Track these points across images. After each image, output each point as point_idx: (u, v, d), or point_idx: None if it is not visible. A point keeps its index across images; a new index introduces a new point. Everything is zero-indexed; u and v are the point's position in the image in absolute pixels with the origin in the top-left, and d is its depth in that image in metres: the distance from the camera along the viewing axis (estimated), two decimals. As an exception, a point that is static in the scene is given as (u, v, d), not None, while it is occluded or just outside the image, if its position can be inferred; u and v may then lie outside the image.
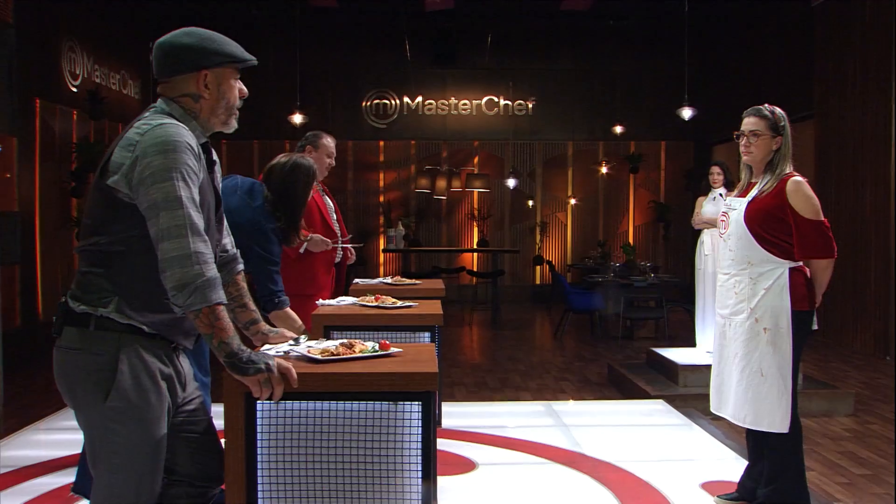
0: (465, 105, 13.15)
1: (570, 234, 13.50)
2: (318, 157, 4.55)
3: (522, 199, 13.23)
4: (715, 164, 6.46)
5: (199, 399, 2.20)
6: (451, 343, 8.87)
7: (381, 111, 13.08)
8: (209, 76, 2.10)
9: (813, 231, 3.21)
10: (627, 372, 6.53)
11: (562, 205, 13.46)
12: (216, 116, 2.14)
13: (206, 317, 1.92)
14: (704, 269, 6.41)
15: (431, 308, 3.72)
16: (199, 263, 1.92)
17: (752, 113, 3.37)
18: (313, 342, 2.40)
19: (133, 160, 1.96)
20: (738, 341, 3.33)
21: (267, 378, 1.99)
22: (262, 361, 1.99)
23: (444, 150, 13.28)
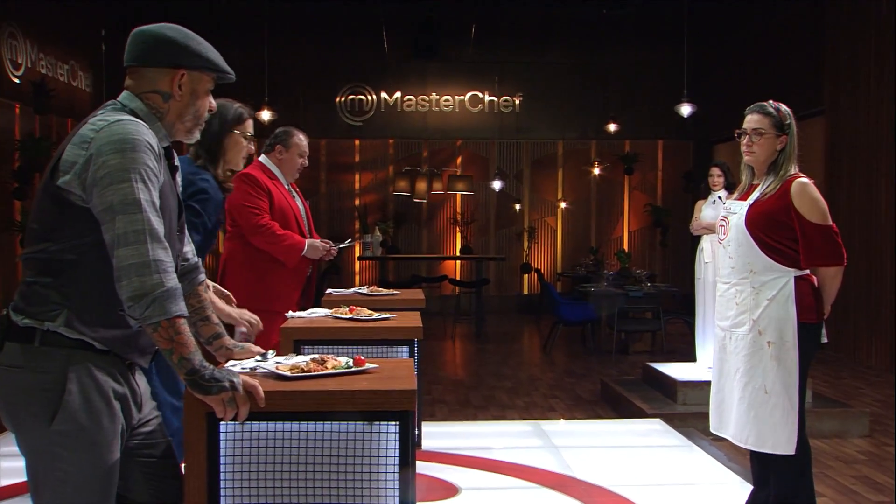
0: (447, 101, 13.17)
1: (560, 240, 13.55)
2: (289, 157, 4.56)
3: (509, 203, 13.27)
4: (715, 164, 6.51)
5: (157, 420, 2.18)
6: (431, 358, 8.86)
7: (356, 107, 13.07)
8: (185, 77, 2.10)
9: (820, 236, 3.23)
10: (622, 389, 6.56)
11: (551, 208, 13.51)
12: (182, 122, 2.14)
13: (166, 331, 1.90)
14: (704, 278, 6.45)
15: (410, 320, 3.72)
16: (159, 272, 1.90)
17: (754, 110, 3.39)
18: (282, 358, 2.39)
19: (87, 159, 1.95)
20: (740, 356, 3.35)
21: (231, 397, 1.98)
22: (227, 379, 1.98)
23: (425, 149, 13.30)
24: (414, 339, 3.58)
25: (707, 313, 6.42)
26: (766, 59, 10.95)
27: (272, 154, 4.58)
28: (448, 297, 12.60)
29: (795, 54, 10.24)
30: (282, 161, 4.56)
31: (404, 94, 13.11)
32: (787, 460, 3.28)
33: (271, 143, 4.59)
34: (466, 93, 13.21)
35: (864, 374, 7.91)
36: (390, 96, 13.08)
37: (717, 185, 6.40)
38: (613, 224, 13.61)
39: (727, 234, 3.42)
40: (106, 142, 1.95)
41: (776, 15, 10.73)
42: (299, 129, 4.66)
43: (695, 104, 9.70)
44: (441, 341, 10.23)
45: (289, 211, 4.51)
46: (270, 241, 4.34)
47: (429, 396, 6.83)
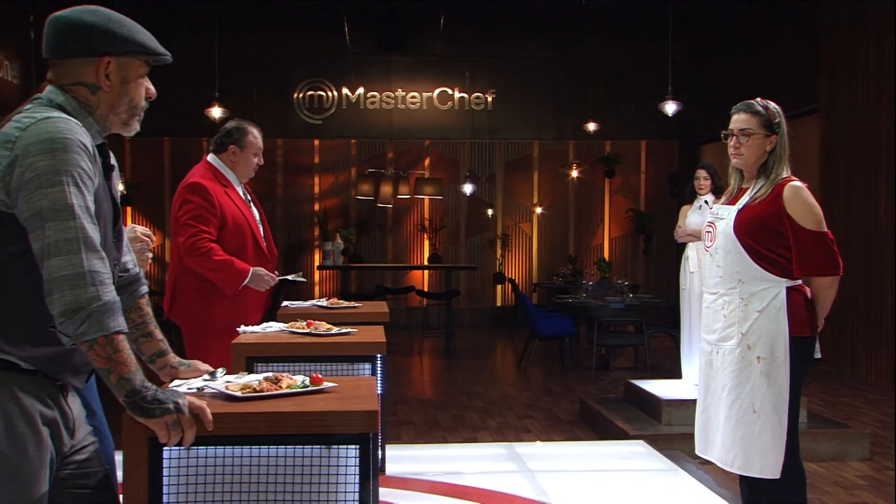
0: (413, 98, 13.18)
1: (536, 247, 13.60)
2: (243, 156, 4.39)
3: (481, 208, 13.30)
4: (702, 167, 6.57)
5: (93, 447, 2.14)
6: (396, 375, 8.84)
7: (315, 104, 13.03)
8: (112, 65, 2.05)
9: (814, 244, 3.27)
10: (602, 408, 6.58)
11: (526, 214, 13.56)
12: (116, 115, 2.10)
13: (103, 348, 1.87)
14: (690, 289, 6.50)
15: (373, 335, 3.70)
16: (95, 284, 1.87)
17: (741, 109, 3.42)
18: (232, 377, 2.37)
19: (12, 160, 1.90)
20: (727, 372, 3.37)
21: (176, 420, 1.95)
22: (171, 400, 1.95)
23: (390, 150, 13.29)
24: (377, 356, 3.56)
25: (693, 326, 6.47)
26: (757, 54, 11.08)
27: (224, 154, 4.40)
28: (415, 310, 12.58)
29: (789, 48, 10.37)
30: (235, 162, 4.40)
31: (367, 91, 13.10)
32: (779, 485, 3.30)
33: (222, 142, 4.40)
34: (435, 89, 13.23)
35: (864, 392, 8.00)
36: (352, 93, 13.06)
37: (704, 189, 6.46)
38: (593, 231, 13.69)
39: (714, 242, 3.44)
40: (33, 141, 1.90)
41: (768, 6, 10.83)
42: (251, 123, 4.49)
43: (680, 102, 9.78)
44: (407, 357, 10.21)
45: (244, 223, 4.36)
46: (206, 266, 4.19)
47: (394, 417, 6.80)
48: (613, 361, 9.36)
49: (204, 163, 4.45)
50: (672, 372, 7.79)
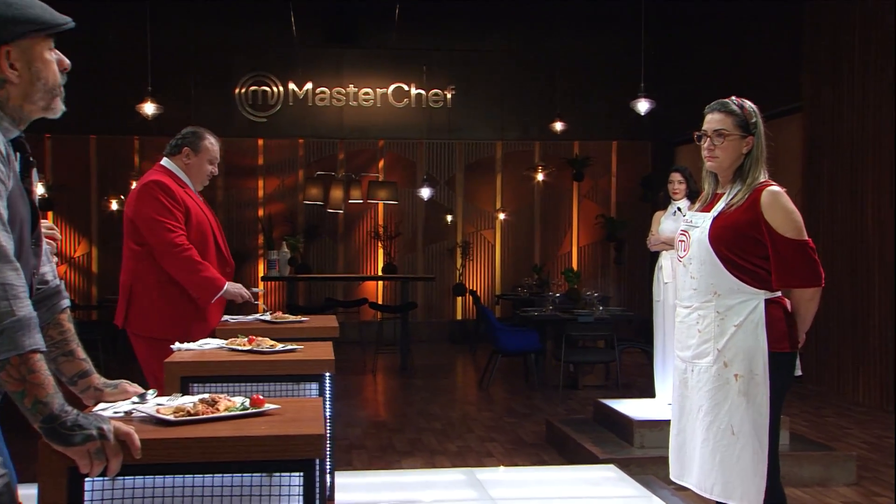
0: (366, 94, 13.17)
1: (499, 256, 13.64)
2: (197, 162, 4.51)
3: (439, 214, 13.31)
4: (676, 170, 6.64)
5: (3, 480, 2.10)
6: (347, 396, 8.81)
7: (259, 101, 12.96)
8: (13, 53, 2.01)
9: (794, 253, 3.30)
10: (570, 430, 6.60)
11: (488, 220, 13.60)
12: (33, 103, 2.06)
13: (17, 369, 1.84)
14: (664, 301, 6.56)
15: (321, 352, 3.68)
16: (8, 298, 1.84)
17: (715, 108, 3.46)
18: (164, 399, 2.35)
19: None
20: (703, 391, 3.39)
21: (100, 447, 1.91)
22: (94, 426, 1.91)
23: (341, 150, 13.25)
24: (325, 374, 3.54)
25: (667, 341, 6.52)
26: (736, 48, 11.24)
27: (177, 157, 4.52)
28: (368, 324, 12.54)
29: (769, 42, 10.53)
30: (189, 166, 4.51)
31: (316, 86, 13.06)
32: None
33: (177, 145, 4.52)
34: (389, 85, 13.23)
35: (851, 412, 8.12)
36: (300, 88, 13.01)
37: (678, 194, 6.52)
38: (560, 238, 13.77)
39: (688, 251, 3.47)
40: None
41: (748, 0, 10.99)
42: (210, 132, 4.63)
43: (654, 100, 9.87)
44: (359, 376, 10.17)
45: (207, 228, 4.46)
46: (186, 268, 4.26)
47: (344, 441, 6.78)
48: (582, 379, 9.41)
49: (158, 167, 4.54)
50: (645, 390, 7.84)
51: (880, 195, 8.35)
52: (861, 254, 8.57)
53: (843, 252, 8.81)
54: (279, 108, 13.01)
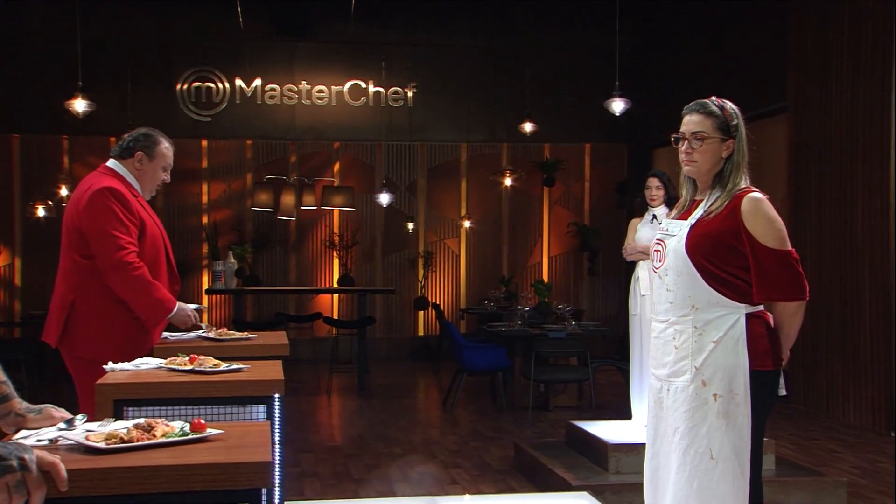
0: (320, 92, 13.14)
1: (464, 267, 13.65)
2: (151, 168, 4.43)
3: (400, 221, 13.30)
4: (653, 174, 6.68)
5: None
6: (299, 419, 8.77)
7: (203, 98, 12.89)
8: None
9: (776, 264, 3.34)
10: (541, 454, 6.61)
11: (453, 228, 13.61)
12: None
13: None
14: (641, 315, 6.59)
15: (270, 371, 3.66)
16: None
17: (694, 109, 3.49)
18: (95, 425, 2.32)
19: None
20: (680, 412, 3.41)
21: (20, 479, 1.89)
22: (14, 455, 1.89)
23: (293, 153, 13.21)
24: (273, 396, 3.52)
25: (644, 358, 6.55)
26: (718, 45, 11.35)
27: (128, 161, 4.42)
28: (322, 341, 12.48)
29: (752, 38, 10.64)
30: (141, 172, 4.43)
31: (265, 83, 13.01)
32: (740, 541, 3.35)
33: (129, 147, 4.42)
34: (345, 82, 13.22)
35: (841, 435, 8.18)
36: (247, 85, 12.96)
37: (656, 200, 6.57)
38: (530, 248, 13.81)
39: (663, 262, 3.49)
40: None
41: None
42: (165, 136, 4.55)
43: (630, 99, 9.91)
44: (313, 397, 10.13)
45: (160, 243, 4.41)
46: (137, 287, 4.19)
47: (296, 469, 6.74)
48: (554, 400, 9.43)
49: (106, 169, 4.44)
50: (621, 411, 7.86)
51: (871, 202, 8.41)
52: (851, 264, 8.65)
53: (831, 263, 8.91)
54: (225, 107, 12.94)
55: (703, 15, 11.75)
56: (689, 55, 12.01)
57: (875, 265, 8.34)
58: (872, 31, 8.44)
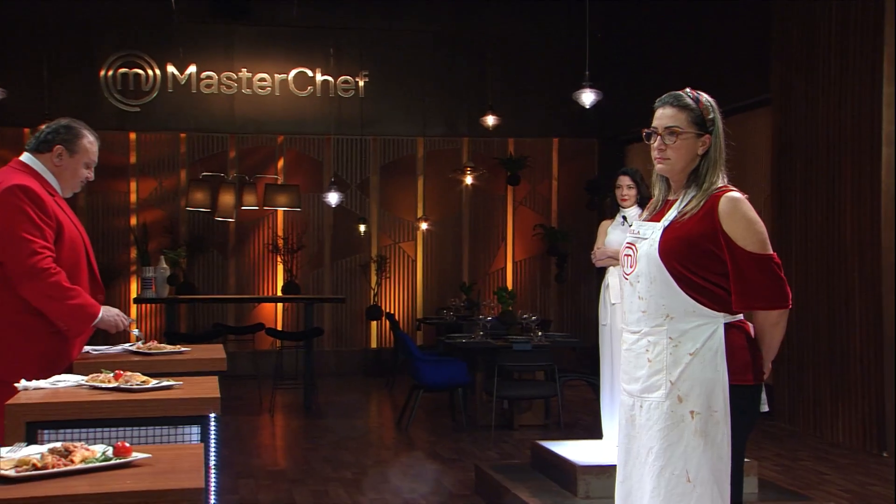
0: (262, 81, 13.09)
1: (421, 274, 13.65)
2: (71, 163, 4.35)
3: (350, 223, 13.28)
4: (625, 172, 6.72)
5: None
6: (238, 441, 8.72)
7: (130, 86, 12.78)
8: None
9: (756, 270, 3.36)
10: (504, 478, 6.62)
11: (409, 231, 13.61)
12: None
13: None
14: (612, 325, 6.62)
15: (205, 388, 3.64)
16: None
17: (667, 102, 3.50)
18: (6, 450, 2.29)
19: None
20: (654, 431, 3.43)
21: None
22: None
23: (232, 147, 13.14)
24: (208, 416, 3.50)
25: (616, 373, 6.58)
26: (695, 32, 11.44)
27: (46, 156, 4.34)
28: (265, 355, 12.42)
29: (733, 25, 10.72)
30: (60, 169, 4.35)
31: (201, 70, 12.93)
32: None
33: (47, 140, 4.34)
34: (290, 70, 13.17)
35: (829, 455, 8.25)
36: (181, 72, 12.87)
37: (628, 200, 6.60)
38: (493, 252, 13.84)
39: (634, 267, 3.50)
40: None
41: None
42: (89, 129, 4.46)
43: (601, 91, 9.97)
44: (253, 417, 10.08)
45: (80, 247, 4.34)
46: (53, 294, 4.11)
47: (234, 496, 6.70)
48: (518, 418, 9.45)
49: (18, 164, 4.35)
50: (591, 430, 7.91)
51: (860, 203, 8.47)
52: (839, 269, 8.72)
53: (817, 267, 8.99)
54: (155, 96, 12.83)
55: (678, 1, 11.80)
56: (665, 42, 12.09)
57: (865, 270, 8.39)
58: (862, 18, 8.51)
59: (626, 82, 12.42)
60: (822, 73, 9.02)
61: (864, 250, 8.43)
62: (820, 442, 8.75)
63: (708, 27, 11.17)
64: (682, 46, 11.62)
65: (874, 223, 8.31)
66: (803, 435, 9.02)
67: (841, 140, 8.74)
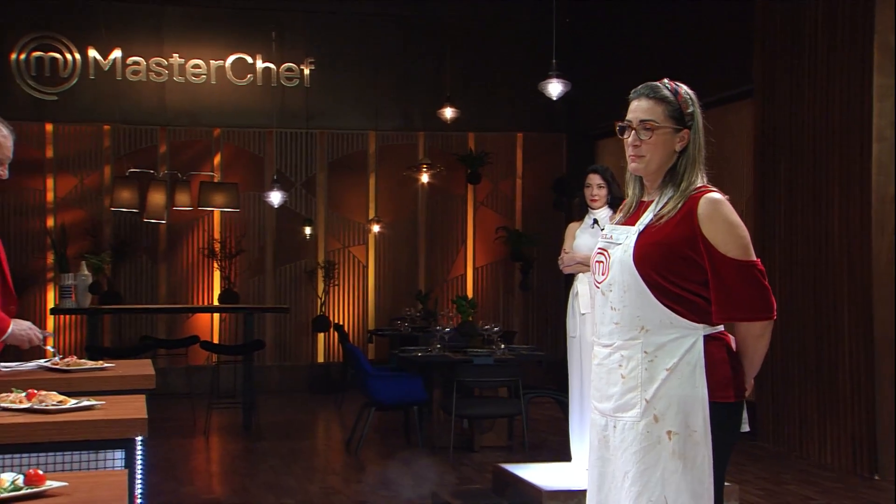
0: (197, 68, 13.02)
1: (373, 281, 13.63)
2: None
3: (295, 225, 13.24)
4: (594, 170, 6.74)
5: None
6: (168, 467, 8.66)
7: (46, 72, 12.68)
8: None
9: (738, 278, 3.36)
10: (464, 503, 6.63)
11: (360, 234, 13.59)
12: None
13: None
14: (581, 337, 6.64)
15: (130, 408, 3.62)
16: None
17: (642, 93, 3.50)
18: None
19: None
20: (629, 453, 3.43)
21: None
22: None
23: (163, 141, 13.06)
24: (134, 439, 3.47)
25: (586, 389, 6.60)
26: (672, 19, 11.50)
27: None
28: (199, 371, 12.36)
29: (713, 13, 10.78)
30: None
31: (127, 55, 12.83)
32: None
33: None
34: (227, 56, 13.11)
35: (816, 478, 8.30)
36: (104, 56, 12.77)
37: (598, 201, 6.63)
38: (451, 257, 13.85)
39: (607, 275, 3.50)
40: None
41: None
42: (0, 119, 4.48)
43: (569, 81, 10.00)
44: (186, 439, 10.02)
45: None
46: None
47: (165, 528, 6.66)
48: (479, 439, 9.45)
49: None
50: (559, 451, 7.91)
51: (849, 204, 8.51)
52: (827, 277, 8.76)
53: (804, 275, 9.04)
54: (75, 83, 12.73)
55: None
56: (640, 28, 12.15)
57: (854, 277, 8.43)
58: (852, 2, 8.58)
59: (598, 72, 12.47)
60: (808, 62, 9.08)
61: (854, 255, 8.47)
62: (806, 464, 8.81)
63: (686, 12, 11.23)
64: (658, 33, 11.69)
65: (864, 226, 8.35)
66: (788, 456, 9.08)
67: (828, 135, 8.79)
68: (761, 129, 9.75)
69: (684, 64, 10.23)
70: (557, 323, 12.35)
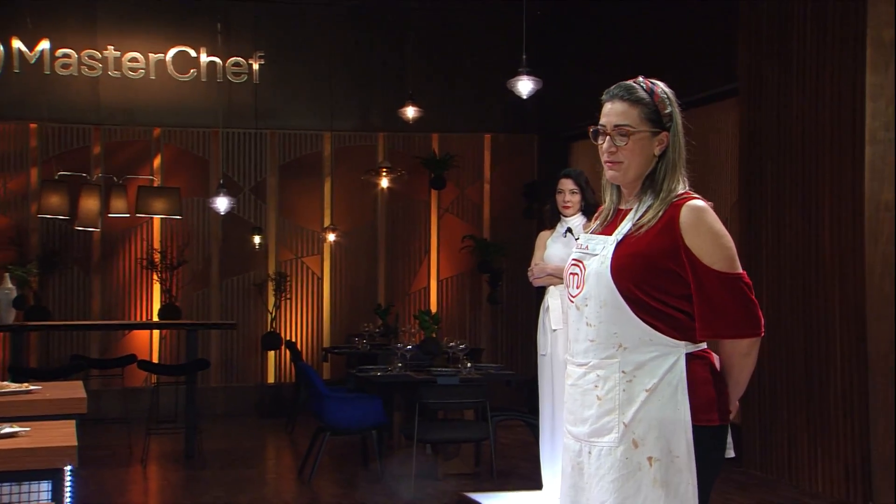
0: (134, 62, 12.97)
1: (329, 294, 13.61)
2: None
3: (243, 234, 13.20)
4: (566, 175, 6.77)
5: None
6: (101, 498, 8.63)
7: (-29, 66, 12.60)
8: None
9: (723, 291, 3.37)
10: (426, 539, 6.62)
11: (314, 243, 13.57)
12: None
13: None
14: (553, 355, 6.66)
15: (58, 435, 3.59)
16: None
17: (616, 94, 3.51)
18: None
19: None
20: (606, 481, 3.43)
21: None
22: None
23: (97, 142, 13.00)
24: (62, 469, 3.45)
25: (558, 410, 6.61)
26: (651, 12, 11.55)
27: None
28: (137, 393, 12.30)
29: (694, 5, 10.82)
30: None
31: (56, 46, 12.76)
32: None
33: None
34: (169, 49, 13.07)
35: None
36: (30, 48, 12.68)
37: (570, 207, 6.65)
38: (414, 269, 13.85)
39: (582, 288, 3.51)
40: None
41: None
42: None
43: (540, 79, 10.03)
44: (122, 469, 9.96)
45: None
46: None
47: (99, 566, 6.62)
48: (444, 465, 9.45)
49: None
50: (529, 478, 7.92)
51: (841, 209, 8.54)
52: (817, 290, 8.79)
53: (793, 288, 9.07)
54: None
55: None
56: (617, 22, 12.20)
57: (846, 290, 8.45)
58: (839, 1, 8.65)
59: (571, 68, 12.51)
60: (796, 59, 9.13)
61: (846, 266, 8.49)
62: (796, 492, 8.85)
63: (666, 4, 11.28)
64: (637, 26, 11.74)
65: (856, 234, 8.38)
66: (776, 483, 9.12)
67: (818, 137, 8.83)
68: (747, 130, 9.80)
69: (664, 59, 10.28)
70: (528, 340, 12.34)
